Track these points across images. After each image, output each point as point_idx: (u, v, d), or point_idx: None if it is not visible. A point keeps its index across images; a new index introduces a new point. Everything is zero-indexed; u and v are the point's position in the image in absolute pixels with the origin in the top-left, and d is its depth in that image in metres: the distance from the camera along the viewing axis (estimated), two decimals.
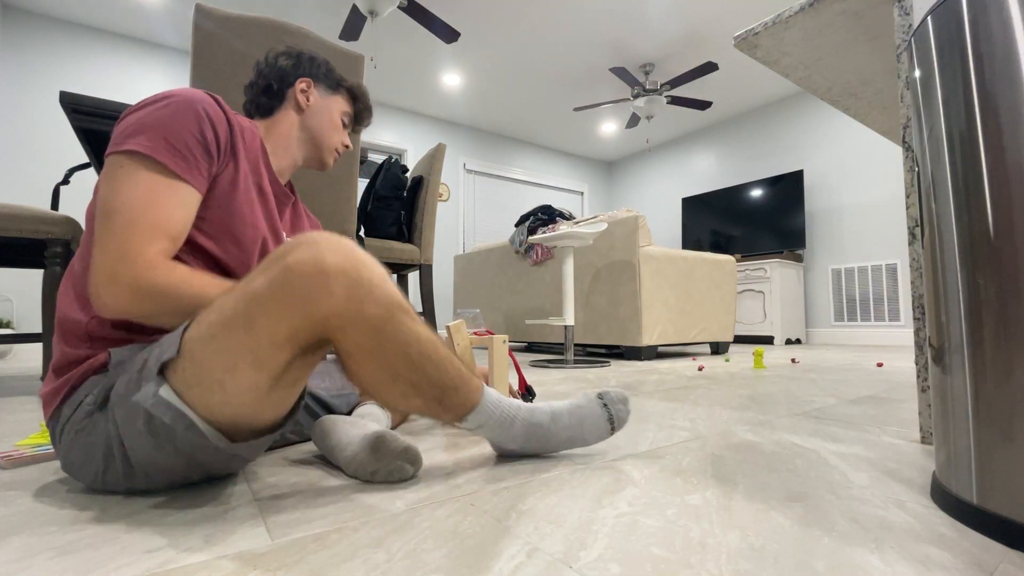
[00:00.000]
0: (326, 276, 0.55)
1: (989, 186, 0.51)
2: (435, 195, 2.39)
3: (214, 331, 0.55)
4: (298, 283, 0.54)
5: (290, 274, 0.54)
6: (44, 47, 3.63)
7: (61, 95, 1.34)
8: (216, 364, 0.55)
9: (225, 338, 0.54)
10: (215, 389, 0.56)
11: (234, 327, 0.54)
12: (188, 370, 0.55)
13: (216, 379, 0.55)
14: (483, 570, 0.44)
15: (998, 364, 0.50)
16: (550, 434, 0.77)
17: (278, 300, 0.54)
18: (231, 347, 0.54)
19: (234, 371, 0.55)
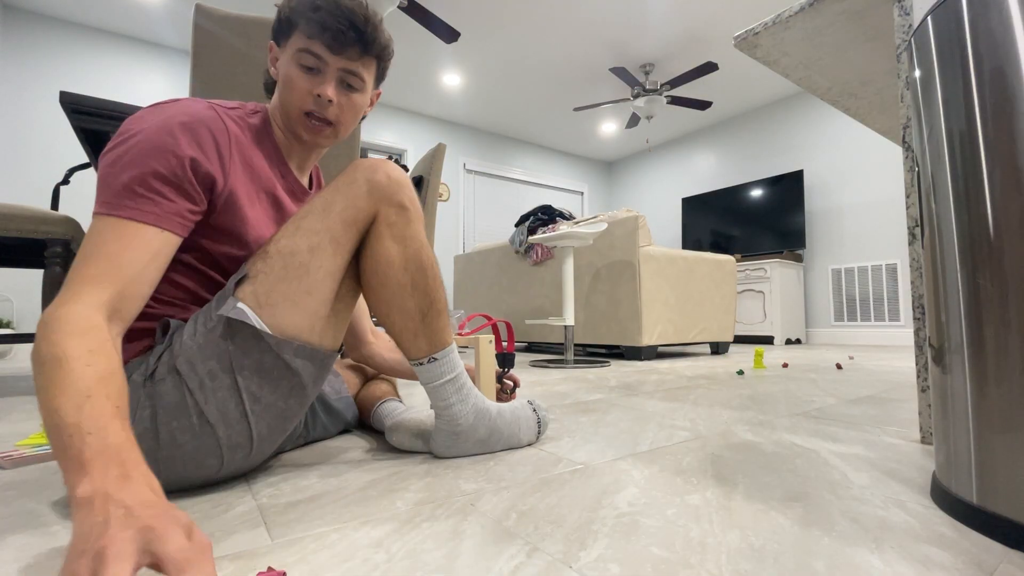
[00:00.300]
0: (386, 165, 0.72)
1: (989, 186, 0.51)
2: (435, 195, 2.39)
3: (296, 223, 0.66)
4: (365, 169, 0.70)
5: (359, 164, 0.71)
6: (44, 47, 3.63)
7: (61, 95, 1.34)
8: (302, 244, 0.65)
9: (308, 222, 0.66)
10: (300, 276, 0.64)
11: (314, 212, 0.67)
12: (274, 267, 0.63)
13: (301, 262, 0.64)
14: (483, 570, 0.44)
15: (998, 364, 0.50)
16: (495, 428, 0.82)
17: (348, 182, 0.69)
18: (314, 227, 0.66)
19: (317, 250, 0.65)
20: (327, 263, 0.66)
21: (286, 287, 0.64)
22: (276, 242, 0.65)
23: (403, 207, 0.72)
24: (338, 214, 0.67)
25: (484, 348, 0.98)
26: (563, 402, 1.34)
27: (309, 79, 0.70)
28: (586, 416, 1.15)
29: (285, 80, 0.70)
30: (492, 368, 1.02)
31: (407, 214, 0.72)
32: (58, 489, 0.67)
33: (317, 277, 0.65)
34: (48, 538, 0.51)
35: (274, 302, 0.63)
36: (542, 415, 0.90)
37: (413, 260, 0.73)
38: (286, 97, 0.71)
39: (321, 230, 0.66)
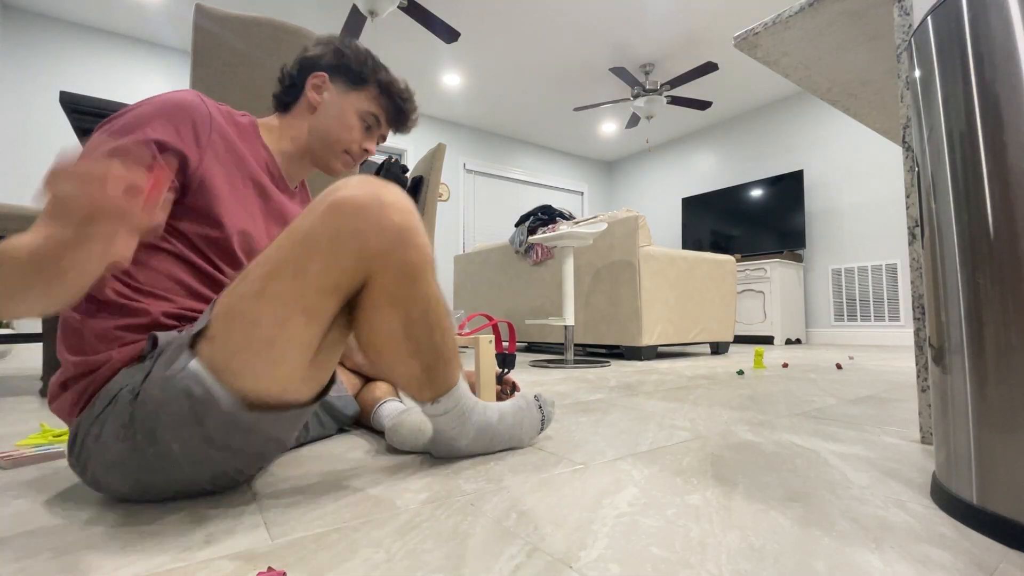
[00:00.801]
0: (382, 208, 0.57)
1: (989, 186, 0.51)
2: (435, 195, 2.39)
3: (261, 284, 0.55)
4: (352, 218, 0.55)
5: (342, 206, 0.55)
6: (44, 47, 3.63)
7: (61, 95, 1.34)
8: (268, 317, 0.54)
9: (275, 287, 0.55)
10: (263, 350, 0.55)
11: (283, 275, 0.55)
12: (234, 334, 0.54)
13: (266, 336, 0.54)
14: (483, 570, 0.44)
15: (998, 364, 0.50)
16: (496, 434, 0.81)
17: (330, 235, 0.55)
18: (282, 296, 0.55)
19: (286, 323, 0.55)
20: (299, 335, 0.56)
21: (248, 358, 0.55)
22: (240, 297, 0.55)
23: (407, 266, 0.60)
24: (314, 281, 0.55)
25: (484, 348, 0.98)
26: (563, 402, 1.34)
27: (363, 134, 0.83)
28: (586, 416, 1.15)
29: (342, 122, 0.81)
30: (492, 368, 1.01)
31: (413, 271, 0.61)
32: (58, 489, 0.67)
33: (287, 350, 0.56)
34: (48, 538, 0.51)
35: (235, 370, 0.55)
36: (547, 412, 0.88)
37: (420, 323, 0.64)
38: (337, 134, 0.81)
39: (291, 299, 0.55)
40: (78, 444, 0.59)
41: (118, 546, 0.49)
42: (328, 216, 0.56)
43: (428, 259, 0.62)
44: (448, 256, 5.54)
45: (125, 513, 0.58)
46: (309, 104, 0.81)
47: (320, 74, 0.80)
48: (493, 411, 0.81)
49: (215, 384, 0.55)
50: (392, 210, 0.58)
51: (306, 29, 1.46)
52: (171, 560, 0.46)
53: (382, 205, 0.57)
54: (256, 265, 0.57)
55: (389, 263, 0.59)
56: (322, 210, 0.56)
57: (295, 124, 0.81)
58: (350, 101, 0.81)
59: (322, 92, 0.81)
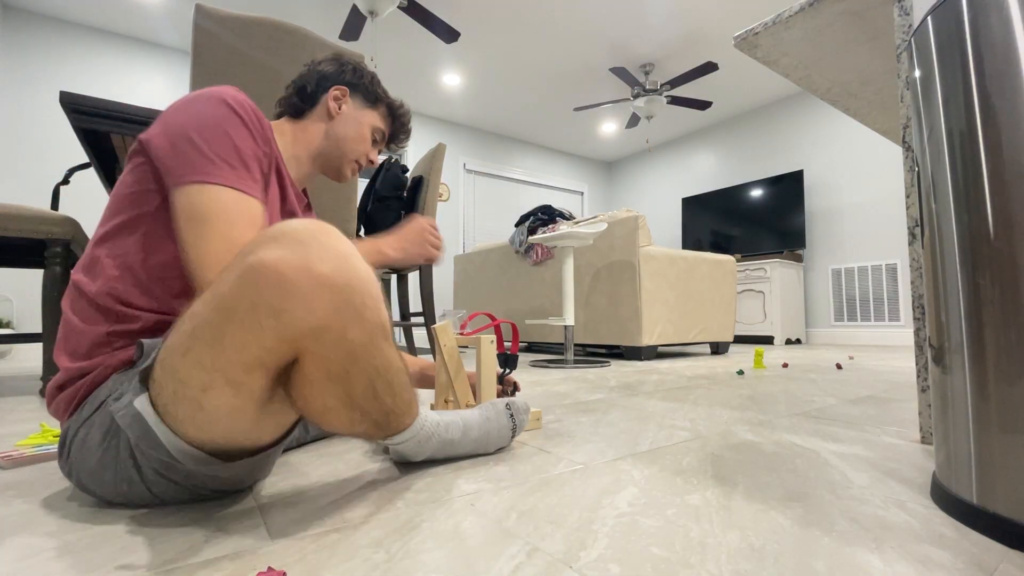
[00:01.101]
0: (310, 284, 0.46)
1: (989, 186, 0.51)
2: (435, 195, 2.39)
3: (187, 343, 0.48)
4: (272, 284, 0.44)
5: (262, 272, 0.45)
6: (44, 47, 3.63)
7: (61, 95, 1.34)
8: (192, 381, 0.48)
9: (197, 352, 0.47)
10: (195, 411, 0.50)
11: (203, 339, 0.47)
12: (168, 385, 0.50)
13: (193, 397, 0.49)
14: (483, 570, 0.44)
15: (998, 364, 0.50)
16: (458, 447, 0.78)
17: (247, 305, 0.45)
18: (203, 362, 0.47)
19: (208, 391, 0.48)
20: (227, 403, 0.50)
21: (185, 412, 0.50)
22: (170, 351, 0.50)
23: (346, 344, 0.50)
24: (232, 355, 0.47)
25: (485, 348, 0.97)
26: (563, 402, 1.34)
27: (371, 146, 0.91)
28: (586, 416, 1.15)
29: (358, 133, 0.88)
30: (493, 369, 1.00)
31: (355, 349, 0.51)
32: (58, 489, 0.67)
33: (218, 414, 0.50)
34: (48, 538, 0.51)
35: (176, 418, 0.51)
36: (519, 420, 0.85)
37: (365, 394, 0.55)
38: (352, 143, 0.87)
39: (211, 368, 0.48)
40: (66, 447, 0.59)
41: (118, 546, 0.49)
42: (244, 285, 0.45)
43: (376, 331, 0.52)
44: (448, 256, 5.54)
45: (125, 513, 0.58)
46: (327, 112, 0.85)
47: (342, 87, 0.86)
48: (456, 429, 0.78)
49: (159, 425, 0.51)
50: (324, 284, 0.47)
51: (305, 29, 1.46)
52: (171, 560, 0.46)
53: (311, 277, 0.46)
54: (188, 315, 0.50)
55: (323, 343, 0.49)
56: (238, 274, 0.46)
57: (309, 129, 0.84)
58: (366, 116, 0.89)
59: (341, 104, 0.86)
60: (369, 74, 0.90)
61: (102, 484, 0.57)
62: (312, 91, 0.85)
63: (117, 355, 0.60)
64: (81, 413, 0.58)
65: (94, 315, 0.61)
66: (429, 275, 2.38)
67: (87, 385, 0.59)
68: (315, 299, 0.46)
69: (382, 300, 0.53)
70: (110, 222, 0.63)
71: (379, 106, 0.91)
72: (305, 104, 0.85)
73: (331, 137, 0.85)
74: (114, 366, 0.59)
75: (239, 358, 0.47)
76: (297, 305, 0.46)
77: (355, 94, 0.88)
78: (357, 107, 0.88)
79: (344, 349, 0.50)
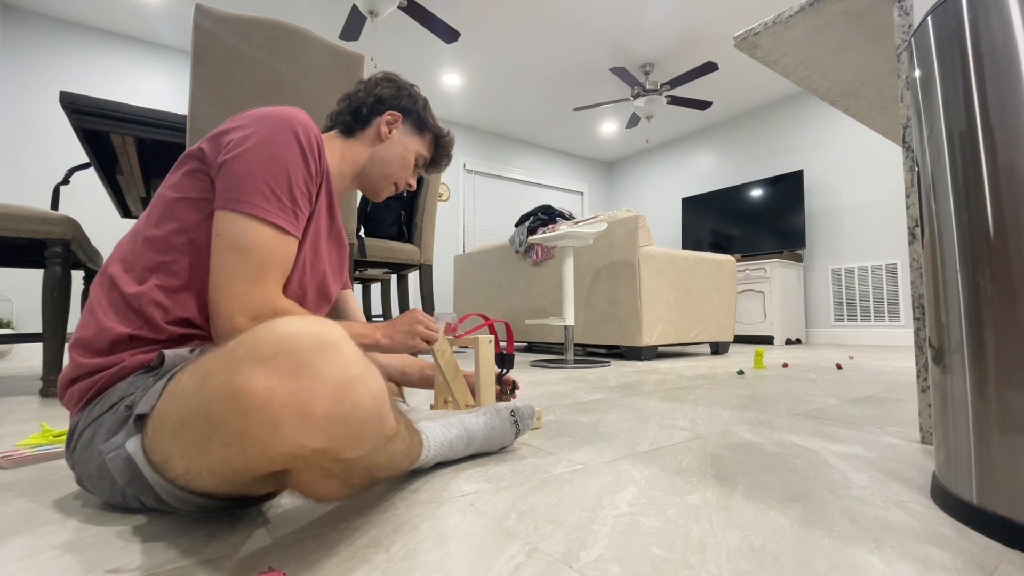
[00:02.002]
0: (302, 425, 0.40)
1: (989, 186, 0.51)
2: (435, 195, 2.39)
3: (177, 425, 0.46)
4: (260, 421, 0.40)
5: (250, 404, 0.40)
6: (44, 47, 3.63)
7: (61, 95, 1.34)
8: (177, 463, 0.47)
9: (184, 442, 0.46)
10: (187, 480, 0.49)
11: (190, 437, 0.45)
12: (157, 452, 0.49)
13: (182, 472, 0.48)
14: (483, 570, 0.44)
15: (998, 364, 0.50)
16: (458, 455, 0.78)
17: (233, 430, 0.41)
18: (190, 454, 0.46)
19: (197, 476, 0.47)
20: (216, 487, 0.49)
21: (175, 474, 0.49)
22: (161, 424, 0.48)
23: (343, 463, 0.46)
24: (218, 463, 0.45)
25: (484, 348, 0.97)
26: (563, 402, 1.34)
27: (409, 171, 0.92)
28: (586, 416, 1.15)
29: (404, 160, 0.90)
30: (491, 369, 0.99)
31: (352, 464, 0.46)
32: (58, 489, 0.67)
33: (208, 488, 0.49)
34: (48, 538, 0.51)
35: (168, 476, 0.49)
36: (523, 426, 0.86)
37: (365, 479, 0.51)
38: (396, 168, 0.89)
39: (199, 461, 0.46)
40: (74, 442, 0.59)
41: (119, 546, 0.49)
42: (231, 407, 0.41)
43: (377, 445, 0.47)
44: (448, 256, 5.54)
45: (125, 513, 0.58)
46: (377, 135, 0.87)
47: (396, 113, 0.88)
48: (460, 440, 0.77)
49: (150, 471, 0.50)
50: (319, 425, 0.41)
51: (306, 29, 1.46)
52: (171, 560, 0.46)
53: (303, 417, 0.40)
54: (179, 391, 0.47)
55: (317, 462, 0.44)
56: (226, 392, 0.41)
57: (357, 149, 0.86)
58: (413, 143, 0.91)
59: (392, 128, 0.88)
60: (422, 100, 0.92)
61: (100, 489, 0.57)
62: (367, 113, 0.87)
63: (137, 357, 0.60)
64: (91, 411, 0.58)
65: (125, 315, 0.61)
66: (429, 275, 2.38)
67: (102, 381, 0.59)
68: (307, 438, 0.41)
69: (388, 413, 0.48)
70: (164, 225, 0.64)
71: (426, 134, 0.93)
72: (357, 124, 0.87)
73: (376, 160, 0.88)
74: (132, 367, 0.59)
75: (225, 464, 0.44)
76: (286, 441, 0.41)
77: (407, 120, 0.90)
78: (406, 133, 0.90)
79: (342, 464, 0.46)
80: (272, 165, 0.64)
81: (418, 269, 2.45)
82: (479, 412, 0.83)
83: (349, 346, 0.45)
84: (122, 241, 0.66)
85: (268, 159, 0.64)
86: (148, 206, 0.68)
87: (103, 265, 0.66)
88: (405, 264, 2.35)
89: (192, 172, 0.65)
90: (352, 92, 0.89)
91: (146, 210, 0.68)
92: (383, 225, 2.31)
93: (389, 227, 2.32)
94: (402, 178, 0.91)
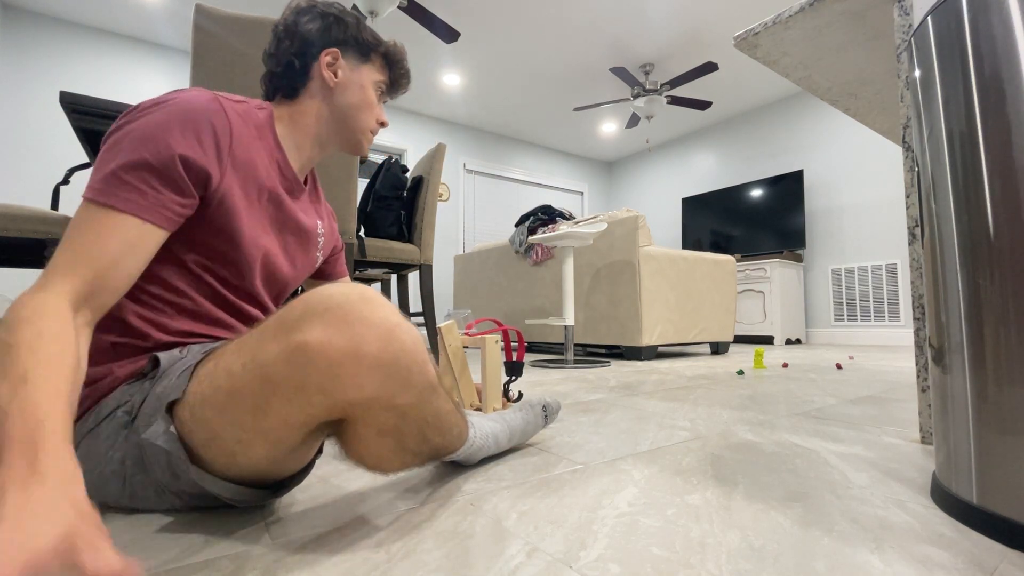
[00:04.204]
0: (359, 367, 0.46)
1: (989, 186, 0.51)
2: (435, 195, 2.39)
3: (224, 401, 0.48)
4: (321, 369, 0.45)
5: (310, 356, 0.45)
6: (44, 47, 3.63)
7: (61, 95, 1.34)
8: (228, 435, 0.49)
9: (235, 412, 0.48)
10: (225, 458, 0.51)
11: (244, 406, 0.48)
12: (199, 433, 0.50)
13: (227, 449, 0.50)
14: (483, 570, 0.44)
15: (998, 364, 0.50)
16: (501, 448, 0.80)
17: (295, 385, 0.46)
18: (243, 423, 0.48)
19: (248, 446, 0.49)
20: (263, 454, 0.51)
21: (213, 455, 0.51)
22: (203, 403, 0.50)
23: (397, 409, 0.50)
24: (276, 420, 0.48)
25: (491, 349, 0.95)
26: (563, 402, 1.34)
27: (377, 109, 0.79)
28: (586, 416, 1.15)
29: (365, 99, 0.76)
30: (499, 371, 0.97)
31: (406, 410, 0.51)
32: None
33: (249, 460, 0.51)
34: None
35: (204, 458, 0.51)
36: (552, 420, 0.92)
37: (418, 439, 0.55)
38: (362, 113, 0.77)
39: (251, 428, 0.48)
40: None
41: (118, 546, 0.49)
42: (292, 364, 0.45)
43: (424, 391, 0.51)
44: (448, 256, 5.54)
45: (124, 513, 0.58)
46: (323, 84, 0.74)
47: (332, 50, 0.74)
48: (504, 436, 0.79)
49: (184, 460, 0.51)
50: (373, 365, 0.46)
51: None
52: (171, 560, 0.46)
53: (358, 359, 0.46)
54: (222, 369, 0.49)
55: (372, 410, 0.49)
56: (285, 351, 0.46)
57: (309, 109, 0.74)
58: (365, 75, 0.77)
59: (337, 71, 0.74)
60: (353, 18, 0.77)
61: (105, 494, 0.56)
62: (301, 64, 0.73)
63: (125, 366, 0.58)
64: (85, 423, 0.56)
65: (104, 322, 0.58)
66: (429, 275, 2.38)
67: (94, 394, 0.57)
68: (364, 379, 0.46)
69: (428, 360, 0.52)
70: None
71: (374, 56, 0.78)
72: (296, 81, 0.73)
73: (337, 111, 0.75)
74: (123, 377, 0.58)
75: (283, 423, 0.48)
76: (347, 385, 0.46)
77: (347, 52, 0.75)
78: (353, 67, 0.76)
79: (395, 412, 0.50)
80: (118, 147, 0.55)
81: (418, 269, 2.45)
82: (515, 408, 0.88)
83: (385, 300, 0.50)
84: None
85: (116, 142, 0.55)
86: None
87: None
88: (405, 264, 2.35)
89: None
90: (273, 45, 0.75)
91: None
92: (383, 225, 2.31)
93: (389, 227, 2.32)
94: (373, 119, 0.79)
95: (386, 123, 0.81)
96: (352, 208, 1.69)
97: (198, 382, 0.51)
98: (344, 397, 0.46)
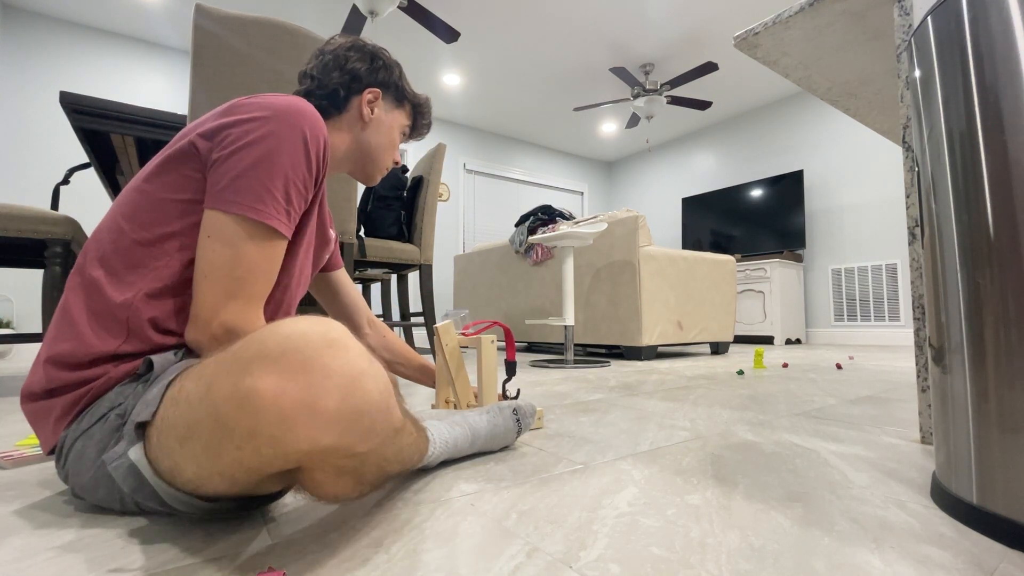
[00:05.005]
0: (314, 420, 0.41)
1: (989, 186, 0.51)
2: (435, 195, 2.39)
3: (184, 432, 0.45)
4: (271, 421, 0.40)
5: (259, 405, 0.40)
6: (44, 47, 3.63)
7: (61, 95, 1.34)
8: (188, 469, 0.46)
9: (193, 447, 0.44)
10: (190, 484, 0.48)
11: (200, 443, 0.44)
12: (163, 460, 0.47)
13: (191, 479, 0.47)
14: (483, 570, 0.44)
15: (998, 364, 0.50)
16: (463, 453, 0.78)
17: (245, 431, 0.41)
18: (199, 461, 0.45)
19: (207, 482, 0.46)
20: (227, 490, 0.48)
21: (182, 481, 0.48)
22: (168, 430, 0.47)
23: (356, 458, 0.45)
24: (229, 464, 0.44)
25: (487, 349, 0.96)
26: (563, 402, 1.34)
27: (396, 150, 0.87)
28: (586, 416, 1.15)
29: (390, 140, 0.85)
30: (494, 370, 0.97)
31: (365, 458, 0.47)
32: (58, 489, 0.67)
33: (216, 491, 0.48)
34: (48, 538, 0.51)
35: (175, 482, 0.49)
36: (524, 424, 0.85)
37: (377, 475, 0.51)
38: (385, 151, 0.85)
39: (208, 465, 0.45)
40: (63, 456, 0.57)
41: (119, 546, 0.49)
42: (242, 409, 0.41)
43: (387, 437, 0.48)
44: (448, 256, 5.54)
45: (124, 513, 0.58)
46: (358, 118, 0.81)
47: (375, 90, 0.81)
48: (465, 440, 0.77)
49: (155, 478, 0.49)
50: (330, 420, 0.41)
51: (305, 29, 1.46)
52: (171, 560, 0.46)
53: (314, 414, 0.40)
54: (183, 397, 0.46)
55: (329, 459, 0.44)
56: (236, 395, 0.41)
57: (338, 135, 0.80)
58: (395, 118, 0.85)
59: (374, 108, 0.82)
60: (397, 68, 0.85)
61: (97, 498, 0.56)
62: (345, 95, 0.79)
63: (121, 367, 0.57)
64: (80, 424, 0.56)
65: (112, 327, 0.57)
66: (429, 275, 2.38)
67: (90, 394, 0.56)
68: (320, 432, 0.41)
69: (394, 405, 0.48)
70: (154, 229, 0.59)
71: (406, 104, 0.87)
72: (334, 108, 0.79)
73: (363, 145, 0.82)
74: (118, 377, 0.57)
75: (238, 465, 0.44)
76: (299, 438, 0.41)
77: (386, 95, 0.84)
78: (387, 109, 0.84)
79: (354, 458, 0.46)
80: (271, 163, 0.59)
81: (418, 269, 2.45)
82: (482, 411, 0.83)
83: (353, 342, 0.45)
84: (99, 239, 0.60)
85: (266, 156, 0.59)
86: (127, 201, 0.61)
87: (78, 264, 0.60)
88: (405, 264, 2.35)
89: (187, 170, 0.60)
90: (318, 69, 0.79)
91: (124, 206, 0.61)
92: (383, 225, 2.31)
93: (389, 227, 2.32)
94: (391, 158, 0.87)
95: (399, 163, 0.90)
96: (352, 208, 1.69)
97: (165, 405, 0.48)
98: (297, 448, 0.41)
